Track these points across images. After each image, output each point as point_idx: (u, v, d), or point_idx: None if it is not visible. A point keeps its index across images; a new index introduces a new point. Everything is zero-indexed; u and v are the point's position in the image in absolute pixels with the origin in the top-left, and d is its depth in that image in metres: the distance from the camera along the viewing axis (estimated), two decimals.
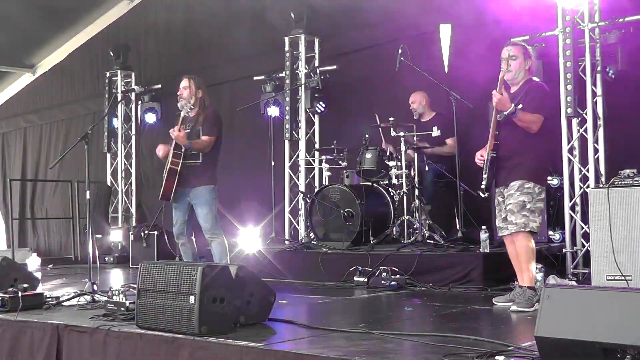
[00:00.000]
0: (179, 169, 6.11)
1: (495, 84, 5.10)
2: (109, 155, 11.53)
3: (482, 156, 5.28)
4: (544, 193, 5.23)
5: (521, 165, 5.11)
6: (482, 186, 5.21)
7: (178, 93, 6.37)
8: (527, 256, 5.09)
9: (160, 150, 6.42)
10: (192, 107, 6.28)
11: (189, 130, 6.20)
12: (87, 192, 6.14)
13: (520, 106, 5.00)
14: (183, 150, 6.12)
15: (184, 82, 6.35)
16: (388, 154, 7.60)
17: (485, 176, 5.17)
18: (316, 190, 8.11)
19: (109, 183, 11.48)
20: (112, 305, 4.75)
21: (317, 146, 9.21)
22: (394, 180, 7.52)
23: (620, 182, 5.53)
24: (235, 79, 10.25)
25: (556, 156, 6.92)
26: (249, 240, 7.85)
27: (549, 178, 6.90)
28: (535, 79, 5.51)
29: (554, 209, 7.23)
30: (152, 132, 11.19)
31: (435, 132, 7.53)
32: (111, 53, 11.23)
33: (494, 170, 5.16)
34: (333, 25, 9.27)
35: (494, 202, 5.53)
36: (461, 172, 7.39)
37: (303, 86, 9.17)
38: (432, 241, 7.14)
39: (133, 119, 11.39)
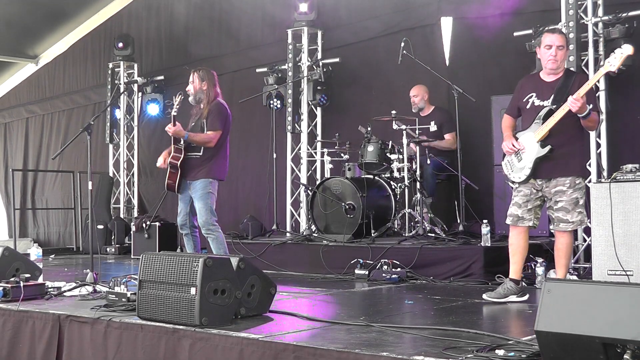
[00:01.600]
0: (179, 163, 6.11)
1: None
2: (111, 146, 11.54)
3: (513, 145, 5.06)
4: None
5: (570, 161, 4.98)
6: (520, 179, 5.02)
7: (186, 89, 6.33)
8: (571, 251, 5.24)
9: (161, 159, 6.28)
10: (199, 100, 6.27)
11: (193, 124, 6.20)
12: (90, 182, 6.13)
13: (591, 106, 4.82)
14: (182, 143, 6.10)
15: (190, 77, 6.29)
16: (389, 146, 7.59)
17: (530, 165, 4.96)
18: (318, 182, 8.11)
19: (110, 174, 11.49)
20: (114, 296, 4.76)
21: (319, 138, 9.21)
22: (396, 173, 7.51)
23: (622, 177, 5.53)
24: (238, 70, 10.23)
25: None
26: None
27: None
28: (573, 69, 5.21)
29: None
30: (151, 124, 11.20)
31: (433, 127, 7.55)
32: (120, 44, 11.18)
33: (536, 163, 4.97)
34: (335, 17, 9.25)
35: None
36: (462, 166, 7.40)
37: (305, 78, 9.17)
38: (433, 234, 7.14)
39: (135, 110, 11.39)
